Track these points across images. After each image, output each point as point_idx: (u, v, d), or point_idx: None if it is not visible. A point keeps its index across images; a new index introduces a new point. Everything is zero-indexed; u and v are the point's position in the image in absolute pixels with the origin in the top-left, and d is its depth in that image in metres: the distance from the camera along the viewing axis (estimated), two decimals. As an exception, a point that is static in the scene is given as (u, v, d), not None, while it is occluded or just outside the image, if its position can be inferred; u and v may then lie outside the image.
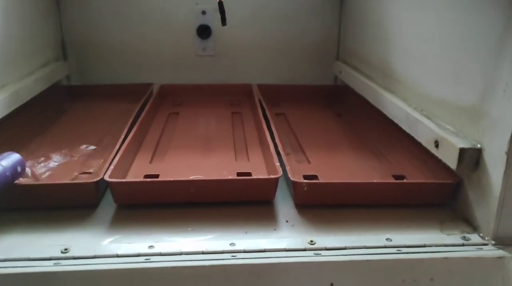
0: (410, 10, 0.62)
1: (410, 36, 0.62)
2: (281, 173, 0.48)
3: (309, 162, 0.59)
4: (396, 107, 0.61)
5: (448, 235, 0.44)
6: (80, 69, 0.91)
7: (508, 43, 0.41)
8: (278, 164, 0.51)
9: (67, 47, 0.90)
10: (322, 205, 0.49)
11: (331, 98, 0.88)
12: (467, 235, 0.44)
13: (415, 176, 0.54)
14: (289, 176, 0.48)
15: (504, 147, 0.41)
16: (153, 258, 0.39)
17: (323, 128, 0.73)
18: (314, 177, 0.53)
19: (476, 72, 0.46)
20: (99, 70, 0.91)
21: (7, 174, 0.44)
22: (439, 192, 0.49)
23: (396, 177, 0.54)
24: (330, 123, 0.76)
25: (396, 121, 0.61)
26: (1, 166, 0.44)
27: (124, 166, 0.53)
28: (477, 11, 0.46)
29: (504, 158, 0.41)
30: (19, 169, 0.46)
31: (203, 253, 0.40)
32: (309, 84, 0.91)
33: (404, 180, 0.53)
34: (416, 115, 0.55)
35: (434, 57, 0.55)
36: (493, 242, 0.42)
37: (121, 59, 0.90)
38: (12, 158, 0.46)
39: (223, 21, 0.56)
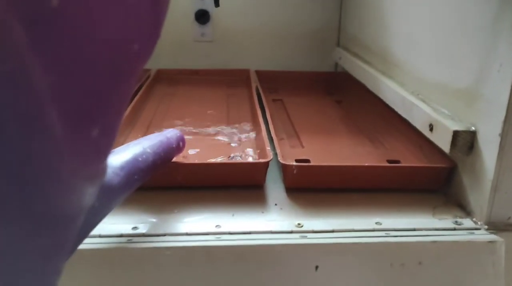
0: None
1: (407, 18, 0.61)
2: (271, 157, 0.47)
3: (302, 147, 0.58)
4: (392, 92, 0.60)
5: (439, 219, 0.43)
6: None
7: (503, 23, 0.39)
8: (269, 148, 0.50)
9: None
10: (313, 188, 0.48)
11: (331, 85, 0.87)
12: (459, 220, 0.43)
13: (410, 161, 0.53)
14: (279, 158, 0.47)
15: (498, 128, 0.40)
16: (135, 239, 0.38)
17: (320, 114, 0.72)
18: (307, 161, 0.52)
19: (471, 54, 0.44)
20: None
21: (173, 146, 0.44)
22: (433, 177, 0.48)
23: (390, 162, 0.53)
24: (328, 110, 0.74)
25: (392, 106, 0.60)
26: (167, 137, 0.44)
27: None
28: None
29: (498, 140, 0.40)
30: (180, 144, 0.47)
31: (187, 234, 0.39)
32: (308, 70, 0.90)
33: (397, 164, 0.52)
34: (412, 99, 0.54)
35: (431, 39, 0.53)
36: (485, 226, 0.41)
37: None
38: (174, 133, 0.46)
39: (216, 2, 0.55)
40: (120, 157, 0.36)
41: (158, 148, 0.41)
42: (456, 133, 0.43)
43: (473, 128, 0.43)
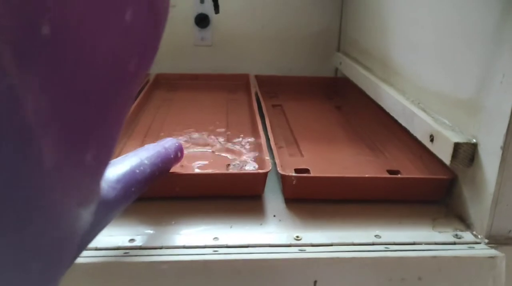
0: None
1: (408, 25, 0.60)
2: (270, 167, 0.47)
3: (302, 155, 0.57)
4: (393, 100, 0.59)
5: (439, 232, 0.42)
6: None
7: (505, 32, 0.39)
8: (268, 157, 0.49)
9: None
10: (312, 199, 0.47)
11: (330, 91, 0.86)
12: (459, 233, 0.42)
13: (410, 172, 0.53)
14: (278, 169, 0.47)
15: (500, 141, 0.39)
16: (132, 252, 0.38)
17: (320, 121, 0.72)
18: (306, 170, 0.52)
19: (473, 63, 0.44)
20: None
21: (171, 156, 0.44)
22: (433, 188, 0.47)
23: (390, 172, 0.53)
24: (328, 116, 0.74)
25: (392, 114, 0.59)
26: (165, 148, 0.44)
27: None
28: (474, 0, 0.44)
29: (499, 153, 0.39)
30: (179, 154, 0.46)
31: (184, 247, 0.39)
32: (308, 75, 0.89)
33: (397, 175, 0.52)
34: (413, 108, 0.53)
35: (432, 47, 0.53)
36: (486, 240, 0.41)
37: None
38: (172, 143, 0.46)
39: (216, 8, 0.54)
40: (116, 169, 0.35)
41: (156, 159, 0.40)
42: (457, 145, 0.43)
43: (474, 140, 0.43)
